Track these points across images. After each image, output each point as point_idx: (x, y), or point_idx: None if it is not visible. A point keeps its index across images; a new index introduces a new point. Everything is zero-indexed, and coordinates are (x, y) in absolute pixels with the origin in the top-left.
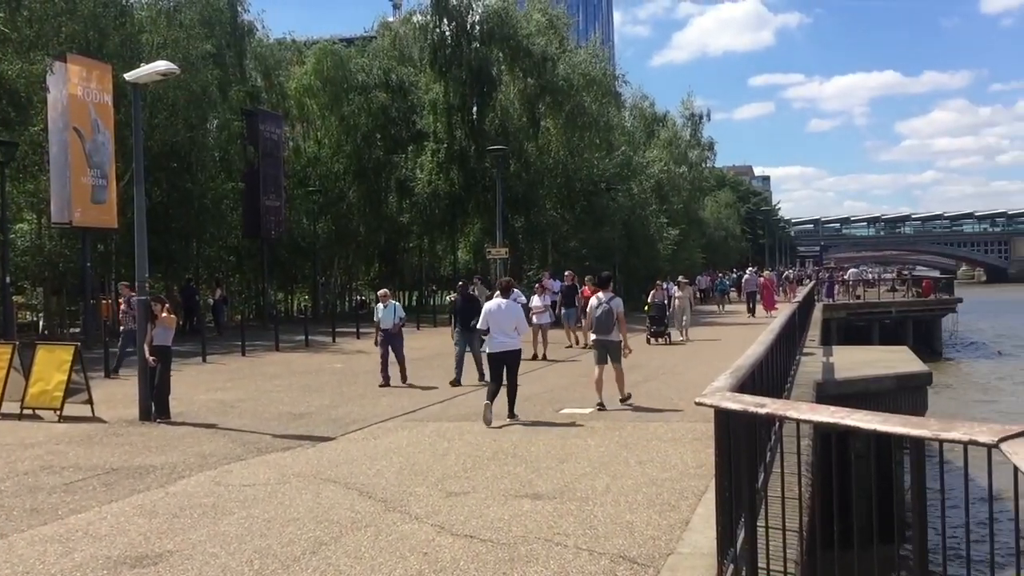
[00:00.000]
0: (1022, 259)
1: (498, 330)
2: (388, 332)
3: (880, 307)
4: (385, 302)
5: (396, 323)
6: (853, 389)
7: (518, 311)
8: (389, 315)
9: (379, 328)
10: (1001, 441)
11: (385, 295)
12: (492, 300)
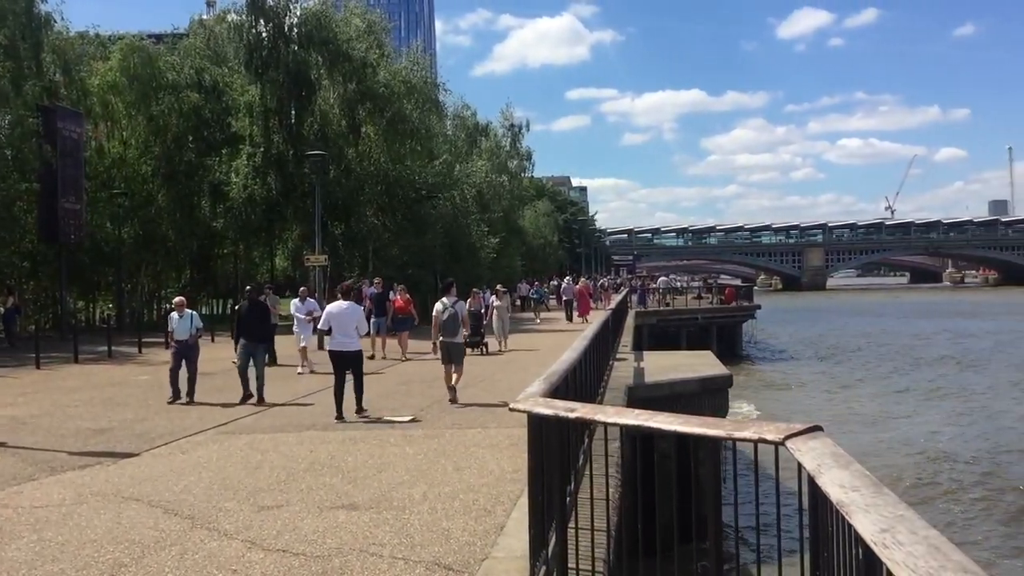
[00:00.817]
0: (814, 268)
1: (339, 331)
2: (184, 343)
3: (688, 313)
4: (180, 311)
5: (192, 334)
6: (661, 392)
7: (359, 312)
8: (185, 325)
9: (172, 339)
10: (787, 439)
11: (181, 303)
12: (334, 302)
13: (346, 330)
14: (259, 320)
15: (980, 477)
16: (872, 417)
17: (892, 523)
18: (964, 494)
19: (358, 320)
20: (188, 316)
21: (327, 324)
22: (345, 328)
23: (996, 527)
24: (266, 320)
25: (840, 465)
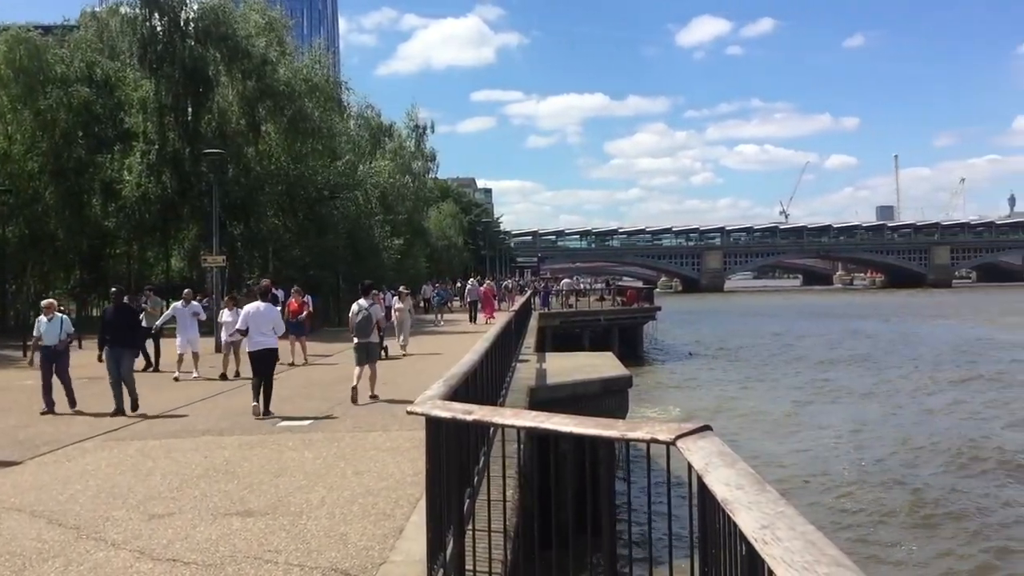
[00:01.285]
0: (712, 271)
1: (256, 330)
2: (51, 349)
3: (591, 315)
4: (50, 314)
5: (62, 339)
6: (563, 393)
7: (275, 313)
8: (54, 330)
9: (38, 345)
10: (678, 439)
11: (50, 306)
12: (252, 303)
13: (263, 330)
14: (126, 325)
15: (870, 469)
16: (766, 414)
17: (772, 520)
18: (857, 488)
19: (275, 320)
20: (58, 320)
21: (245, 324)
22: (262, 328)
23: (885, 522)
24: (134, 324)
25: (726, 464)
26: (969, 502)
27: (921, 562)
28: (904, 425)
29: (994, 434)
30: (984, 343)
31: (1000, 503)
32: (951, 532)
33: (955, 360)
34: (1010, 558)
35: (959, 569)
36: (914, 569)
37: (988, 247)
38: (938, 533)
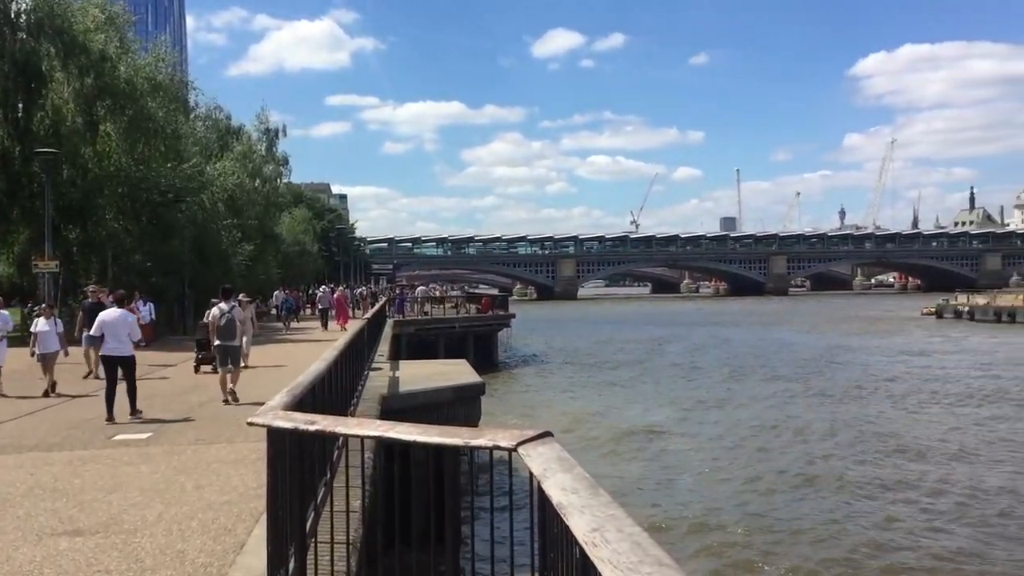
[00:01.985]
0: (566, 279)
1: (111, 336)
2: None
3: (446, 323)
4: None
5: None
6: (416, 401)
7: (131, 319)
8: None
9: None
10: (519, 445)
11: None
12: (108, 309)
13: (118, 336)
14: None
15: (700, 463)
16: (614, 417)
17: (603, 522)
18: (678, 483)
19: (130, 327)
20: None
21: (100, 331)
22: (117, 334)
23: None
24: None
25: (564, 469)
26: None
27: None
28: (741, 424)
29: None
30: (811, 348)
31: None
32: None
33: (809, 369)
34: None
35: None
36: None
37: (821, 257)
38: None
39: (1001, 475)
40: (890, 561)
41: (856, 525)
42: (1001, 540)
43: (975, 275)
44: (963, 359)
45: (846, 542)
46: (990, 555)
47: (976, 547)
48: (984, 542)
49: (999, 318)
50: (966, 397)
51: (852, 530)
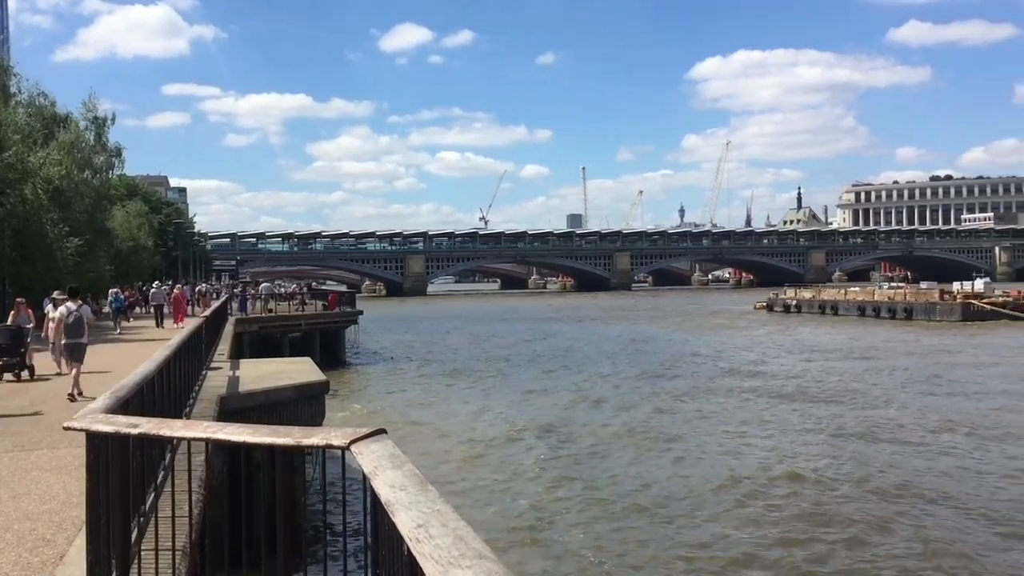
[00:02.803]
0: (415, 275)
1: None
2: None
3: (291, 320)
4: None
5: None
6: (256, 401)
7: None
8: None
9: None
10: (352, 443)
11: None
12: None
13: None
14: None
15: (547, 457)
16: (457, 413)
17: (428, 518)
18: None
19: None
20: None
21: None
22: None
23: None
24: None
25: (395, 466)
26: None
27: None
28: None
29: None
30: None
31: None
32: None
33: (651, 363)
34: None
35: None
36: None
37: (662, 254)
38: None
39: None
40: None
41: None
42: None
43: (802, 271)
44: (784, 345)
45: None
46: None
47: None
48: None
49: (823, 311)
50: (770, 377)
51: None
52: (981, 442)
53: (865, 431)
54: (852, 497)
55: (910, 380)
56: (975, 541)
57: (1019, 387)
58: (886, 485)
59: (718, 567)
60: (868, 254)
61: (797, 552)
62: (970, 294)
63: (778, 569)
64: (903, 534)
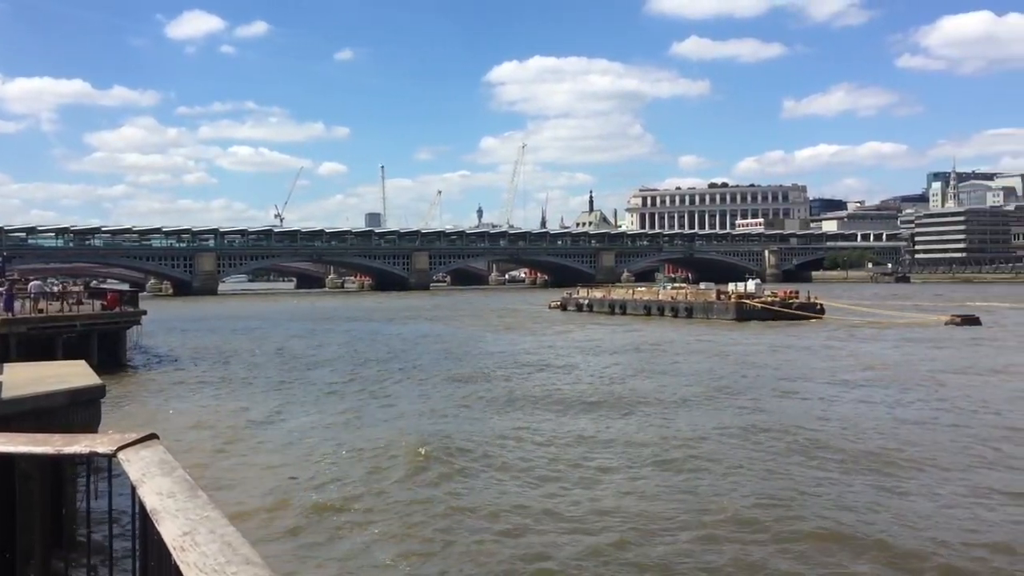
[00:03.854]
0: (205, 273)
1: None
2: None
3: (65, 320)
4: None
5: None
6: (24, 407)
7: None
8: None
9: None
10: (119, 450)
11: None
12: None
13: None
14: None
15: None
16: (242, 415)
17: (195, 525)
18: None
19: None
20: None
21: None
22: None
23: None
24: None
25: (164, 472)
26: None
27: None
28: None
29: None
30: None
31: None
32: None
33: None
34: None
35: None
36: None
37: (460, 253)
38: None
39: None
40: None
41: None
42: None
43: (593, 271)
44: (577, 341)
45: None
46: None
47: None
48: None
49: (612, 310)
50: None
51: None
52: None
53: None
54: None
55: (676, 372)
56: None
57: (779, 374)
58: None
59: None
60: (653, 256)
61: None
62: (743, 294)
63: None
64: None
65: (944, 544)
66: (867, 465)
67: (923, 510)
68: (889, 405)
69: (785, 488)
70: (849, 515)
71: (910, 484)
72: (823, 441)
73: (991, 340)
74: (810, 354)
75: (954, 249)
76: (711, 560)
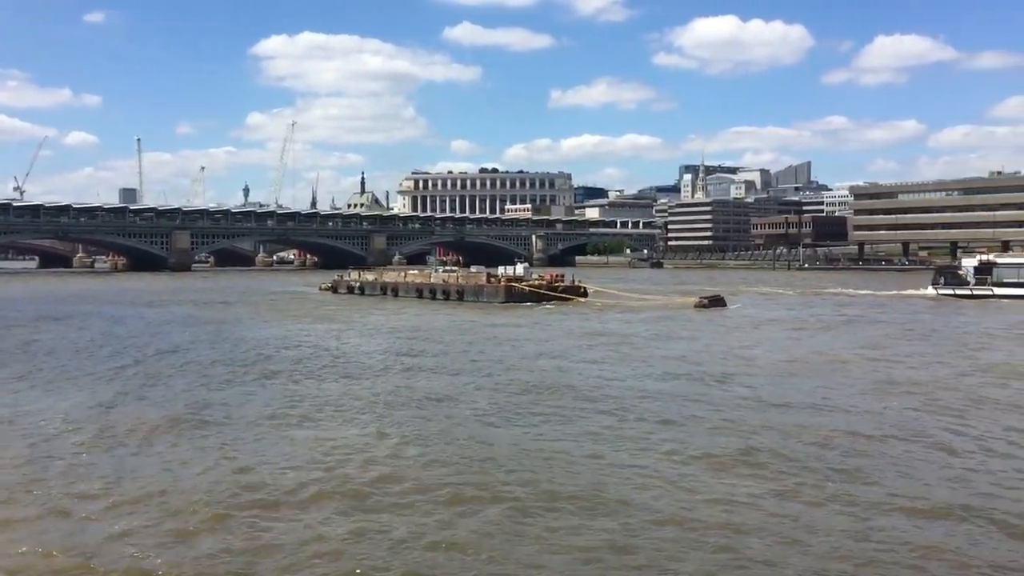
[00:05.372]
0: None
1: None
2: None
3: None
4: None
5: None
6: None
7: None
8: None
9: None
10: None
11: None
12: None
13: None
14: None
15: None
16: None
17: None
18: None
19: None
20: None
21: None
22: None
23: None
24: None
25: None
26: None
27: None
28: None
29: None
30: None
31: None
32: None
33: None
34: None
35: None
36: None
37: (225, 233)
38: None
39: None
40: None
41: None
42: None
43: (365, 254)
44: (354, 326)
45: None
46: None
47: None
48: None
49: (385, 292)
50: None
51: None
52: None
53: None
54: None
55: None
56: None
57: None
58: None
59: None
60: (425, 239)
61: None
62: (512, 278)
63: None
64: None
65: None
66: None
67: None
68: (616, 367)
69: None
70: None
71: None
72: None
73: (727, 319)
74: (565, 332)
75: (702, 237)
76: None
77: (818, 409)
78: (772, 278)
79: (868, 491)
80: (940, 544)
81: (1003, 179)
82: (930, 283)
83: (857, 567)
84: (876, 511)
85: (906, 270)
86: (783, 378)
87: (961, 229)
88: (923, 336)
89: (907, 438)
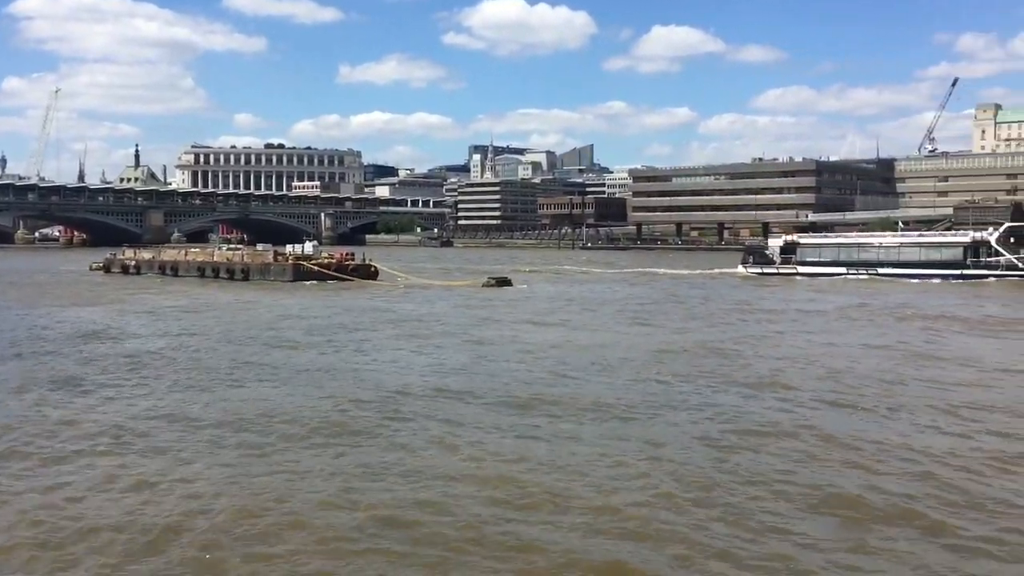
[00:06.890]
0: None
1: None
2: None
3: None
4: None
5: None
6: None
7: None
8: None
9: None
10: None
11: None
12: None
13: None
14: None
15: None
16: None
17: None
18: None
19: None
20: None
21: None
22: None
23: None
24: None
25: None
26: None
27: None
28: None
29: None
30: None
31: None
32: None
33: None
34: None
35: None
36: None
37: None
38: None
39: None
40: None
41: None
42: None
43: (140, 231)
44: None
45: None
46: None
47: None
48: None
49: (164, 271)
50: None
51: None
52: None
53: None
54: None
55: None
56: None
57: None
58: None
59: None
60: (207, 216)
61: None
62: (300, 256)
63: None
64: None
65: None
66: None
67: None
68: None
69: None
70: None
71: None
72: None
73: (509, 299)
74: (354, 311)
75: (491, 216)
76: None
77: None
78: (578, 257)
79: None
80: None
81: (763, 165)
82: (739, 262)
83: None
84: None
85: (681, 249)
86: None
87: (728, 211)
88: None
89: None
